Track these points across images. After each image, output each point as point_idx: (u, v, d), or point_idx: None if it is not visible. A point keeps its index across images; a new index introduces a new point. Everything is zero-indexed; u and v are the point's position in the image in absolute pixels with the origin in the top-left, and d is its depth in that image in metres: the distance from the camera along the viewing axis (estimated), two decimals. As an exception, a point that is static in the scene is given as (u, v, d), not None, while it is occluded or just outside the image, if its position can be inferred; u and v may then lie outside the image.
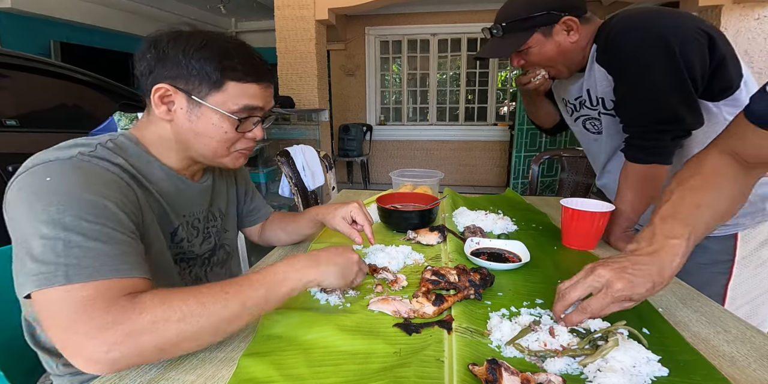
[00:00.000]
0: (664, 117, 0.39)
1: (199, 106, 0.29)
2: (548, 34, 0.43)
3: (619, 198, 0.44)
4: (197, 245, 0.35)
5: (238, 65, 0.29)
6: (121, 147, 0.29)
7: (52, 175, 0.23)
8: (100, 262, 0.21)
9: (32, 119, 0.83)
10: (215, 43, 0.29)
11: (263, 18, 2.71)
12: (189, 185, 0.33)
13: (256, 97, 0.30)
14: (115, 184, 0.25)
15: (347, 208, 0.40)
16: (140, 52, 0.29)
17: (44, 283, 0.20)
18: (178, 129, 0.30)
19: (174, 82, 0.28)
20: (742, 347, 0.26)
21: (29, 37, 1.66)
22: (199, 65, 0.28)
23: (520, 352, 0.25)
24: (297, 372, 0.23)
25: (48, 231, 0.21)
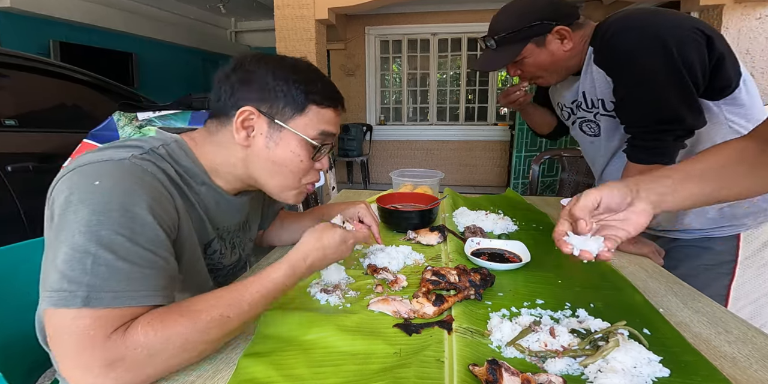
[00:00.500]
0: (665, 117, 0.39)
1: (280, 130, 0.29)
2: (541, 44, 0.43)
3: None
4: (227, 257, 0.35)
5: (321, 90, 0.30)
6: (171, 155, 0.29)
7: (101, 178, 0.23)
8: (122, 286, 0.21)
9: (31, 119, 0.83)
10: (300, 68, 0.30)
11: (263, 17, 2.72)
12: (228, 200, 0.32)
13: (331, 123, 0.31)
14: (158, 193, 0.25)
15: (354, 208, 0.40)
16: (222, 74, 0.29)
17: (61, 304, 0.20)
18: (253, 157, 0.30)
19: (258, 105, 0.28)
20: (743, 348, 0.26)
21: (28, 37, 1.66)
22: (287, 87, 0.28)
23: (521, 352, 0.25)
24: (297, 372, 0.23)
25: (82, 241, 0.21)
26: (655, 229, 0.49)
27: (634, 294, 0.33)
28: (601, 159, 0.50)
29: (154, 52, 2.27)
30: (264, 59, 0.29)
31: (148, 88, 2.16)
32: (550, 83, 0.48)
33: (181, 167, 0.29)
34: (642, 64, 0.38)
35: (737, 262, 0.43)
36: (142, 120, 0.73)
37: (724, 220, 0.43)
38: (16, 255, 0.36)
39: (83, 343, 0.20)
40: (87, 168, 0.24)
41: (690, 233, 0.45)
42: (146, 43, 2.21)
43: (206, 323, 0.22)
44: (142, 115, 0.74)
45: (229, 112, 0.29)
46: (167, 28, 2.34)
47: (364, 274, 0.37)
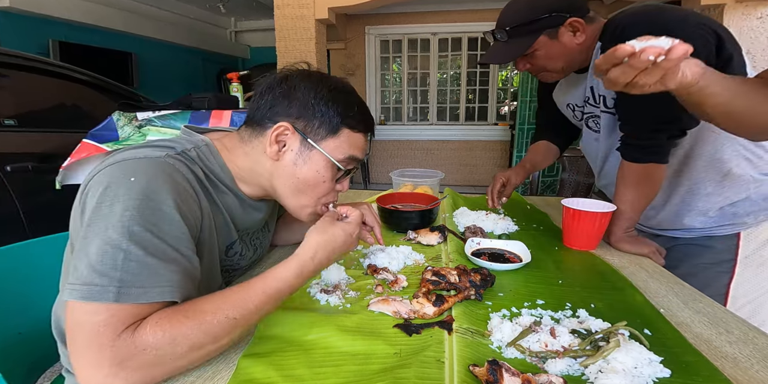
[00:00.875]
0: (662, 116, 0.39)
1: (310, 149, 0.29)
2: (554, 37, 0.42)
3: (617, 198, 0.44)
4: (247, 258, 0.36)
5: (357, 114, 0.30)
6: (202, 158, 0.29)
7: (136, 174, 0.24)
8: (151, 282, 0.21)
9: (31, 119, 0.83)
10: (342, 90, 0.30)
11: (263, 17, 2.71)
12: (251, 205, 0.33)
13: (360, 149, 0.32)
14: (186, 192, 0.26)
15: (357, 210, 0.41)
16: (266, 85, 0.30)
17: (91, 298, 0.20)
18: (279, 171, 0.30)
19: (294, 122, 0.29)
20: (744, 348, 0.25)
21: (28, 37, 1.65)
22: (326, 108, 0.29)
23: (521, 353, 0.25)
24: (297, 373, 0.23)
25: (115, 236, 0.21)
26: (656, 229, 0.49)
27: (635, 294, 0.33)
28: (600, 156, 0.49)
29: (153, 51, 2.27)
30: (309, 77, 0.30)
31: (147, 88, 2.16)
32: (555, 79, 0.46)
33: (210, 170, 0.29)
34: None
35: (737, 260, 0.43)
36: (141, 120, 0.73)
37: (725, 218, 0.43)
38: (16, 255, 0.36)
39: (93, 341, 0.20)
40: (125, 164, 0.24)
41: (691, 232, 0.45)
42: (146, 43, 2.21)
43: (212, 325, 0.22)
44: (141, 114, 0.73)
45: (265, 124, 0.29)
46: (167, 28, 2.34)
47: (364, 275, 0.37)
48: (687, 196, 0.44)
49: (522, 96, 2.08)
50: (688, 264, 0.45)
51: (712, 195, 0.43)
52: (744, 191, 0.42)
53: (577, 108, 0.50)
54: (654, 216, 0.47)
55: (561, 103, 0.53)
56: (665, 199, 0.46)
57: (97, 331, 0.20)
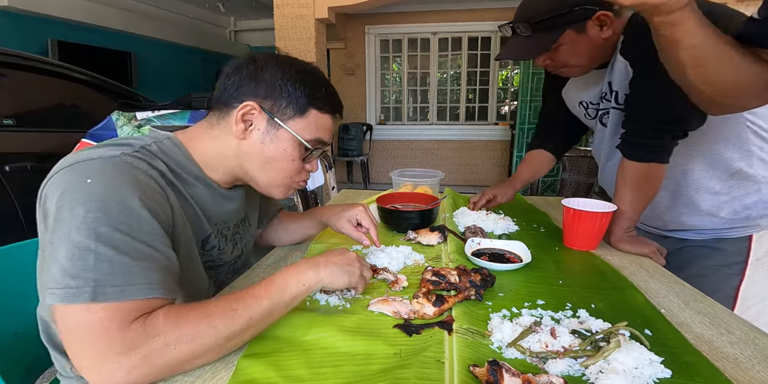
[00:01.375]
0: (671, 116, 0.38)
1: (277, 129, 0.29)
2: (581, 31, 0.39)
3: (617, 198, 0.44)
4: (228, 253, 0.35)
5: (324, 95, 0.30)
6: (164, 151, 0.29)
7: (93, 175, 0.23)
8: (127, 280, 0.21)
9: (29, 119, 0.83)
10: (310, 72, 0.30)
11: (262, 16, 2.70)
12: (223, 194, 0.33)
13: (327, 131, 0.31)
14: (151, 189, 0.25)
15: (353, 211, 0.40)
16: (232, 67, 0.29)
17: (70, 299, 0.20)
18: (246, 149, 0.30)
19: (261, 102, 0.29)
20: (745, 349, 0.25)
21: (26, 36, 1.65)
22: (293, 88, 0.29)
23: (522, 353, 0.25)
24: (296, 373, 0.23)
25: (82, 239, 0.21)
26: (663, 230, 0.48)
27: (636, 294, 0.33)
28: (604, 153, 0.48)
29: (153, 51, 2.26)
30: (277, 59, 0.29)
31: (147, 88, 2.15)
32: (576, 75, 0.44)
33: (175, 163, 0.29)
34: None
35: (747, 263, 0.42)
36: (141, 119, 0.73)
37: (738, 221, 0.42)
38: (14, 255, 0.36)
39: (100, 335, 0.20)
40: (78, 166, 0.24)
41: (701, 234, 0.44)
42: (145, 43, 2.20)
43: (215, 316, 0.22)
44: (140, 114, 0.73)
45: (231, 104, 0.29)
46: (166, 27, 2.33)
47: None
48: (695, 195, 0.43)
49: (522, 96, 2.08)
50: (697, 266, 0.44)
51: (720, 194, 0.42)
52: (755, 192, 0.41)
53: (591, 105, 0.48)
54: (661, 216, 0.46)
55: (572, 101, 0.51)
56: (672, 199, 0.44)
57: (101, 325, 0.20)
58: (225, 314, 0.23)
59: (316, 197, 0.94)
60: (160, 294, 0.23)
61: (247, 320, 0.24)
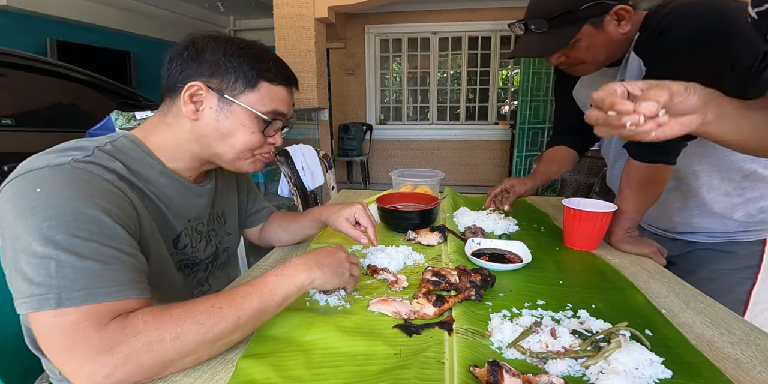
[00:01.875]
0: None
1: (230, 104, 0.29)
2: (599, 26, 0.38)
3: (620, 198, 0.43)
4: (201, 250, 0.34)
5: (272, 68, 0.29)
6: (121, 150, 0.28)
7: (42, 185, 0.22)
8: (93, 284, 0.21)
9: (28, 118, 0.82)
10: (252, 46, 0.30)
11: (262, 16, 2.69)
12: (191, 189, 0.32)
13: (283, 102, 0.31)
14: (110, 193, 0.25)
15: (351, 209, 0.39)
16: (174, 52, 0.29)
17: (36, 306, 0.20)
18: (202, 129, 0.29)
19: (207, 81, 0.28)
20: (746, 349, 0.25)
21: (25, 35, 1.64)
22: (238, 63, 0.28)
23: (522, 354, 0.25)
24: (296, 373, 0.23)
25: (40, 249, 0.21)
26: (672, 232, 0.47)
27: (636, 295, 0.33)
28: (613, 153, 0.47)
29: (152, 50, 2.25)
30: (216, 38, 0.29)
31: (146, 87, 2.13)
32: (589, 72, 0.43)
33: (134, 161, 0.28)
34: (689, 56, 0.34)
35: (761, 266, 0.40)
36: (140, 119, 0.73)
37: (753, 224, 0.41)
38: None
39: (74, 338, 0.20)
40: (27, 176, 0.23)
41: (711, 236, 0.43)
42: (144, 42, 2.20)
43: (200, 313, 0.22)
44: (140, 114, 0.73)
45: (177, 88, 0.28)
46: (165, 27, 2.33)
47: (364, 275, 0.37)
48: (707, 197, 0.42)
49: (523, 95, 2.07)
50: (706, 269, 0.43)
51: (732, 196, 0.40)
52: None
53: None
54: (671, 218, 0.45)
55: (584, 100, 0.50)
56: (683, 200, 0.43)
57: (76, 328, 0.20)
58: (210, 312, 0.22)
59: (316, 197, 0.94)
60: (135, 295, 0.22)
61: (235, 319, 0.23)
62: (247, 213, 0.43)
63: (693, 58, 0.35)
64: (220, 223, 0.37)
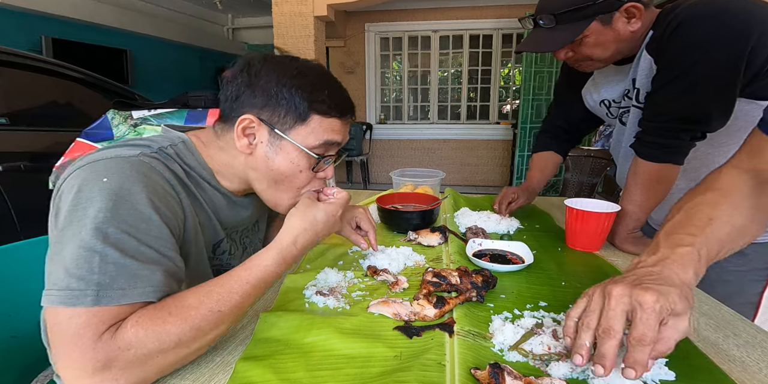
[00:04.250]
0: (693, 116, 0.36)
1: (280, 140, 0.28)
2: (607, 23, 0.37)
3: (626, 197, 0.43)
4: (237, 258, 0.35)
5: (326, 98, 0.28)
6: (180, 155, 0.29)
7: (109, 175, 0.23)
8: (130, 283, 0.21)
9: (23, 117, 0.81)
10: (307, 73, 0.29)
11: (260, 14, 2.67)
12: (236, 202, 0.32)
13: (335, 133, 0.30)
14: (165, 192, 0.25)
15: (352, 213, 0.39)
16: (231, 75, 0.29)
17: (70, 302, 0.20)
18: (254, 164, 0.29)
19: (259, 113, 0.28)
20: (753, 352, 0.25)
21: (20, 33, 1.61)
22: (290, 95, 0.27)
23: (524, 356, 0.24)
24: (295, 376, 0.23)
25: (89, 239, 0.21)
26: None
27: (639, 296, 0.33)
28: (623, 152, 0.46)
29: (149, 49, 2.23)
30: (271, 62, 0.28)
31: (143, 86, 2.12)
32: (596, 68, 0.43)
33: (189, 167, 0.29)
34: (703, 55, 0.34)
35: None
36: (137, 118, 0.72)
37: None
38: (8, 256, 0.35)
39: (74, 344, 0.20)
40: (96, 165, 0.23)
41: None
42: (141, 40, 2.17)
43: (198, 321, 0.22)
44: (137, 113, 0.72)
45: (232, 117, 0.28)
46: (163, 25, 2.30)
47: (363, 276, 0.37)
48: None
49: (524, 94, 2.06)
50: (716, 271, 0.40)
51: None
52: None
53: (614, 103, 0.45)
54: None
55: (593, 100, 0.48)
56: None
57: (77, 333, 0.20)
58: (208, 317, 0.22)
59: (316, 197, 0.93)
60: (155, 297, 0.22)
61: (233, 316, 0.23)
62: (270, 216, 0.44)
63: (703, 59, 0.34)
64: (255, 231, 0.38)
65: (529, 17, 0.41)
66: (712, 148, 0.40)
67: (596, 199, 0.45)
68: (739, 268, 0.42)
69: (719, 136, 0.38)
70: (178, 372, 0.23)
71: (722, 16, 0.34)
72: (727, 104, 0.36)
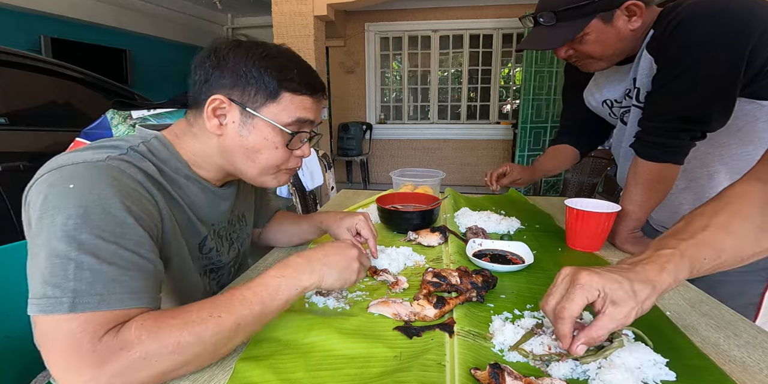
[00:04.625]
0: (693, 116, 0.36)
1: (252, 118, 0.28)
2: (608, 21, 0.38)
3: (626, 197, 0.42)
4: (225, 254, 0.34)
5: (295, 77, 0.28)
6: (153, 151, 0.28)
7: (76, 181, 0.22)
8: (108, 289, 0.21)
9: (22, 117, 0.81)
10: (275, 55, 0.29)
11: (260, 13, 2.66)
12: (215, 193, 0.32)
13: (308, 110, 0.30)
14: (138, 194, 0.24)
15: (353, 219, 0.38)
16: (199, 59, 0.28)
17: (48, 310, 0.20)
18: (226, 144, 0.29)
19: (229, 93, 0.28)
20: (753, 352, 0.25)
21: (19, 33, 1.61)
22: (258, 74, 0.27)
23: (524, 356, 0.24)
24: (295, 376, 0.23)
25: (63, 247, 0.21)
26: None
27: (640, 296, 0.33)
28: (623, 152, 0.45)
29: (148, 48, 2.23)
30: (239, 45, 0.28)
31: (142, 86, 2.12)
32: (598, 68, 0.42)
33: (164, 163, 0.28)
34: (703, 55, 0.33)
35: None
36: (136, 118, 0.72)
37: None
38: (6, 257, 0.35)
39: (70, 347, 0.19)
40: (62, 171, 0.23)
41: None
42: (141, 40, 2.17)
43: (197, 324, 0.21)
44: (136, 113, 0.72)
45: (201, 100, 0.28)
46: (162, 25, 2.30)
47: (363, 276, 0.36)
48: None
49: (525, 94, 2.05)
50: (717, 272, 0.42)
51: None
52: None
53: (616, 103, 0.45)
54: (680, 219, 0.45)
55: (595, 100, 0.48)
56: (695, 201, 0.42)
57: (72, 337, 0.19)
58: (208, 322, 0.22)
59: (315, 197, 0.94)
60: (145, 304, 0.22)
61: (234, 327, 0.23)
62: (258, 212, 0.43)
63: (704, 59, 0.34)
64: (241, 225, 0.37)
65: (530, 16, 0.41)
66: (712, 148, 0.40)
67: (597, 199, 0.45)
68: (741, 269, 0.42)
69: (719, 135, 0.38)
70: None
71: (723, 15, 0.33)
72: (728, 104, 0.36)
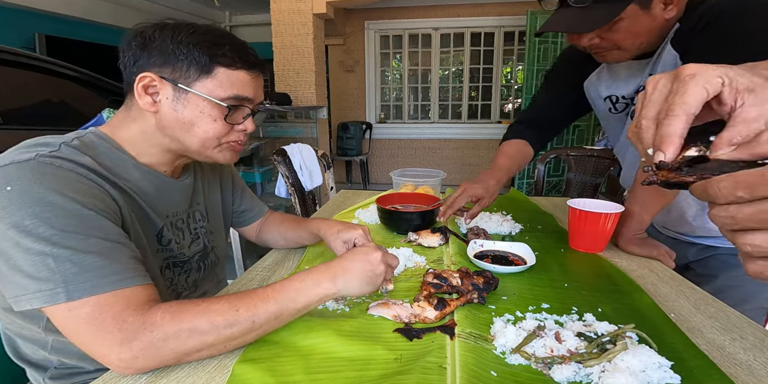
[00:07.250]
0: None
1: (186, 93, 0.27)
2: (645, 6, 0.34)
3: (631, 198, 0.42)
4: (186, 247, 0.34)
5: (227, 51, 0.28)
6: (89, 145, 0.27)
7: (11, 182, 0.22)
8: (95, 275, 0.22)
9: (16, 116, 0.81)
10: (204, 31, 0.28)
11: (259, 11, 2.64)
12: (168, 183, 0.31)
13: (245, 87, 0.29)
14: (82, 185, 0.24)
15: (351, 233, 0.36)
16: (125, 43, 0.28)
17: (48, 301, 0.21)
18: (163, 121, 0.28)
19: (160, 71, 0.27)
20: (759, 355, 0.25)
21: (12, 30, 1.59)
22: (188, 50, 0.27)
23: (526, 359, 0.24)
24: (294, 379, 0.22)
25: (33, 245, 0.21)
26: (690, 236, 0.44)
27: (644, 298, 0.32)
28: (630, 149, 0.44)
29: (148, 46, 2.23)
30: (164, 25, 0.28)
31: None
32: (620, 60, 0.38)
33: (105, 157, 0.27)
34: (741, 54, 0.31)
35: None
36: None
37: None
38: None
39: (94, 328, 0.21)
40: None
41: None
42: (140, 38, 2.17)
43: (216, 314, 0.23)
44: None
45: (132, 80, 0.28)
46: (161, 22, 2.30)
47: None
48: None
49: (526, 93, 2.04)
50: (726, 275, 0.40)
51: None
52: None
53: (622, 100, 0.42)
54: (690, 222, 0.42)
55: (597, 93, 0.45)
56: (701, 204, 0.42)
57: (92, 319, 0.21)
58: (227, 314, 0.23)
59: (314, 198, 0.93)
60: (138, 282, 0.23)
61: (250, 323, 0.23)
62: (236, 212, 0.42)
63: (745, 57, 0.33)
64: (204, 221, 0.36)
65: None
66: None
67: (600, 200, 0.45)
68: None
69: None
70: (175, 374, 0.23)
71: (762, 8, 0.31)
72: None
